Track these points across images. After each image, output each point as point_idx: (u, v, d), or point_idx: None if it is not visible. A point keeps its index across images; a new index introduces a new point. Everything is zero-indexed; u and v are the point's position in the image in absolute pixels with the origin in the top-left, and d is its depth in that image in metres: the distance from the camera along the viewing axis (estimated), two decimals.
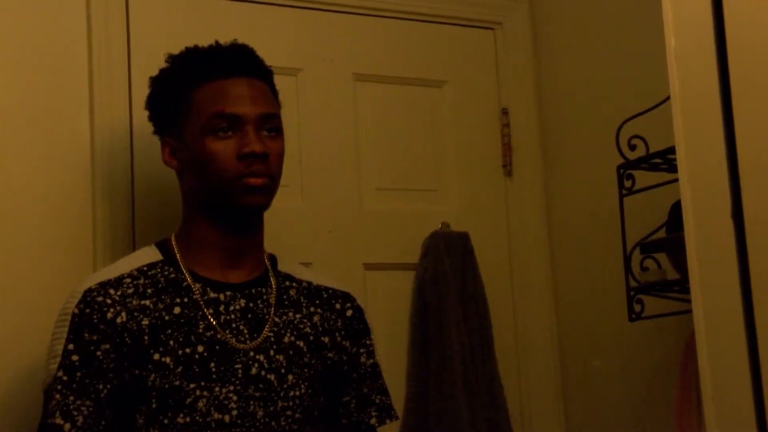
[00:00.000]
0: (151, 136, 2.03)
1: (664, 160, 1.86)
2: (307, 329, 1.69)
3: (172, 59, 1.75)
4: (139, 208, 1.98)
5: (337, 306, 1.75)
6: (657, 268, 1.90)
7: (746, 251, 1.09)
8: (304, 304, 1.71)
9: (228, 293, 1.65)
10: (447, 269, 2.19)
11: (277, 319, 1.66)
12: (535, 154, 2.37)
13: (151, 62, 2.08)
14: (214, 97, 1.66)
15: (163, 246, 1.70)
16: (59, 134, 1.95)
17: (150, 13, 2.06)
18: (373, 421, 1.72)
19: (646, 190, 1.90)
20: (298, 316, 1.69)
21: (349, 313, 1.75)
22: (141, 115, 2.01)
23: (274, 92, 1.75)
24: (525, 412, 2.29)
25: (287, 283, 1.73)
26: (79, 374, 1.55)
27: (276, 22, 2.18)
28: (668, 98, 1.25)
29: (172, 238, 1.71)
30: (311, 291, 1.74)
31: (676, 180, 1.26)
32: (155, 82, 1.76)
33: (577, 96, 2.31)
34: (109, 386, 1.56)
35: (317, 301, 1.73)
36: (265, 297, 1.68)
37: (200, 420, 1.56)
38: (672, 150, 1.31)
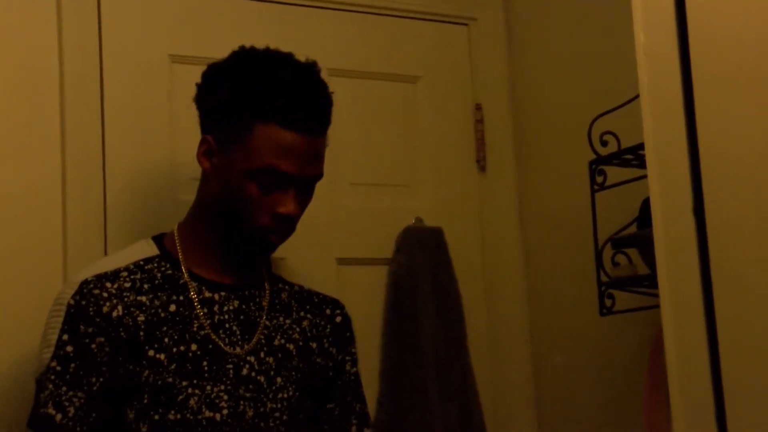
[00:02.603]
0: (124, 137, 2.03)
1: (635, 156, 1.87)
2: (296, 334, 1.70)
3: (246, 63, 1.64)
4: (111, 209, 1.98)
5: (327, 311, 1.76)
6: (628, 263, 1.92)
7: (707, 247, 1.11)
8: (294, 308, 1.72)
9: (222, 293, 1.65)
10: (420, 264, 2.20)
11: (268, 323, 1.67)
12: (508, 150, 2.38)
13: (123, 59, 2.08)
14: (276, 146, 1.58)
15: (160, 241, 1.70)
16: (29, 135, 1.93)
17: (121, 8, 2.05)
18: (353, 429, 1.73)
19: (617, 186, 1.91)
20: (288, 320, 1.70)
21: (338, 319, 1.76)
22: (113, 113, 2.02)
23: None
24: (497, 406, 2.30)
25: (279, 285, 1.74)
26: (72, 366, 1.55)
27: (248, 17, 2.17)
28: (639, 95, 1.26)
29: (174, 231, 1.69)
30: (302, 295, 1.75)
31: (647, 176, 1.27)
32: (219, 80, 1.66)
33: (550, 92, 2.33)
34: (101, 379, 1.56)
35: (307, 306, 1.74)
36: (257, 300, 1.68)
37: (191, 417, 1.56)
38: (643, 146, 1.32)
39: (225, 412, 1.58)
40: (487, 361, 2.31)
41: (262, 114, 1.58)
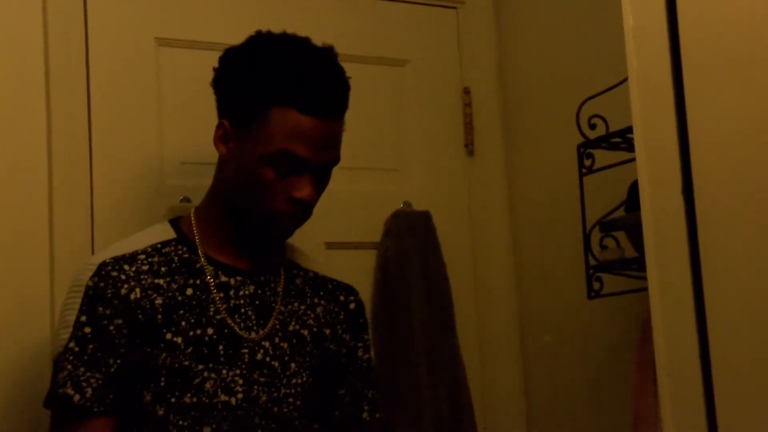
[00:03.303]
0: (111, 121, 2.02)
1: (624, 140, 1.87)
2: (311, 320, 1.70)
3: (263, 48, 1.63)
4: (97, 194, 1.97)
5: (341, 298, 1.76)
6: (616, 246, 1.92)
7: (696, 230, 1.11)
8: (308, 294, 1.72)
9: (238, 278, 1.65)
10: (409, 248, 2.20)
11: (282, 308, 1.67)
12: (496, 134, 2.38)
13: (109, 42, 2.06)
14: (293, 131, 1.57)
15: (176, 224, 1.70)
16: (14, 119, 1.90)
17: None
18: (365, 415, 1.73)
19: (605, 169, 1.91)
20: (302, 306, 1.70)
21: (352, 306, 1.77)
22: (100, 97, 2.00)
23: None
24: (486, 389, 2.31)
25: (294, 271, 1.74)
26: (90, 347, 1.55)
27: (234, 2, 2.16)
28: (627, 78, 1.26)
29: (191, 215, 1.69)
30: (316, 281, 1.75)
31: (635, 159, 1.27)
32: (235, 65, 1.65)
33: (539, 75, 2.32)
34: (119, 361, 1.56)
35: (321, 292, 1.74)
36: (273, 285, 1.68)
37: (206, 401, 1.57)
38: (631, 129, 1.32)
39: (240, 396, 1.59)
40: (476, 344, 2.31)
41: (277, 98, 1.58)
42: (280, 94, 1.58)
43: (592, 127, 1.90)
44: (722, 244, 1.14)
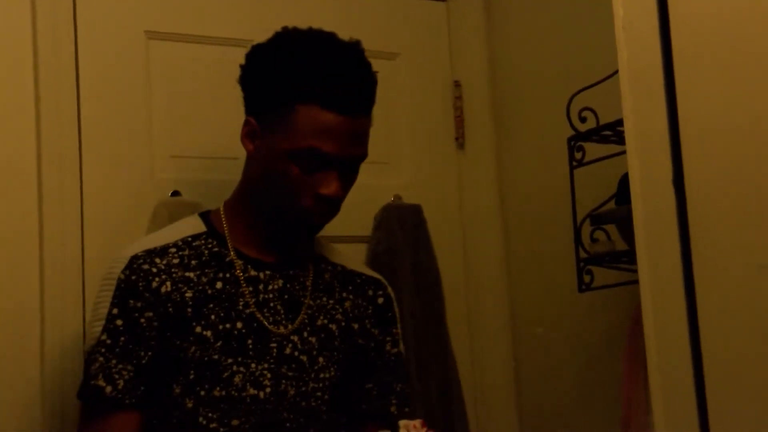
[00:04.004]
0: (100, 114, 2.01)
1: (614, 132, 1.87)
2: (339, 315, 1.71)
3: (287, 44, 1.62)
4: (87, 187, 1.96)
5: (369, 292, 1.76)
6: (606, 239, 1.92)
7: (687, 223, 1.11)
8: (337, 289, 1.73)
9: (267, 272, 1.66)
10: (399, 242, 2.20)
11: (311, 303, 1.68)
12: (487, 127, 2.38)
13: (99, 36, 2.04)
14: (318, 128, 1.57)
15: (206, 217, 1.70)
16: (2, 113, 1.88)
17: None
18: (393, 409, 1.74)
19: (596, 162, 1.91)
20: (331, 301, 1.71)
21: (380, 300, 1.77)
22: (89, 90, 1.99)
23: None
24: (477, 382, 2.31)
25: (322, 265, 1.74)
26: (122, 339, 1.57)
27: None
28: (618, 71, 1.26)
29: (221, 209, 1.70)
30: (345, 276, 1.76)
31: (626, 152, 1.27)
32: (261, 62, 1.65)
33: (529, 68, 2.32)
34: (150, 353, 1.58)
35: (350, 287, 1.75)
36: (301, 279, 1.69)
37: (235, 394, 1.58)
38: (621, 122, 1.32)
39: (268, 390, 1.60)
40: (467, 337, 2.31)
41: (303, 95, 1.57)
42: (304, 91, 1.58)
43: (583, 120, 1.90)
44: (713, 236, 1.14)
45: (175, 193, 2.01)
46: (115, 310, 1.58)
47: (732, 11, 1.13)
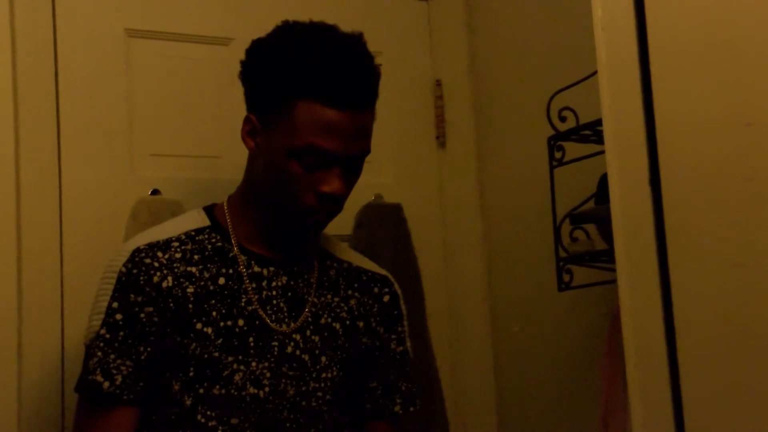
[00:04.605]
0: (80, 113, 2.00)
1: (593, 132, 1.88)
2: (344, 313, 1.68)
3: (285, 40, 1.59)
4: (66, 186, 1.95)
5: (375, 290, 1.74)
6: (586, 238, 1.93)
7: (663, 223, 1.12)
8: (342, 287, 1.71)
9: (271, 269, 1.63)
10: (380, 240, 2.20)
11: (315, 300, 1.65)
12: (467, 126, 2.39)
13: (78, 33, 2.03)
14: (318, 124, 1.53)
15: (210, 212, 1.67)
16: None
17: None
18: (397, 408, 1.72)
19: (576, 162, 1.92)
20: (336, 299, 1.68)
21: (386, 298, 1.75)
22: (69, 88, 1.98)
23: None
24: (456, 380, 2.32)
25: (328, 262, 1.72)
26: (121, 334, 1.54)
27: None
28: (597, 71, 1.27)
29: (224, 204, 1.67)
30: (351, 273, 1.73)
31: (604, 151, 1.28)
32: (260, 57, 1.61)
33: (510, 68, 2.33)
34: (149, 349, 1.55)
35: (355, 285, 1.72)
36: (306, 276, 1.66)
37: (235, 393, 1.56)
38: (600, 122, 1.33)
39: (267, 389, 1.58)
40: (447, 335, 2.32)
41: (302, 91, 1.54)
42: (302, 87, 1.54)
43: (563, 119, 1.91)
44: (689, 235, 1.15)
45: (155, 192, 2.01)
46: (115, 304, 1.55)
47: (709, 11, 1.14)
